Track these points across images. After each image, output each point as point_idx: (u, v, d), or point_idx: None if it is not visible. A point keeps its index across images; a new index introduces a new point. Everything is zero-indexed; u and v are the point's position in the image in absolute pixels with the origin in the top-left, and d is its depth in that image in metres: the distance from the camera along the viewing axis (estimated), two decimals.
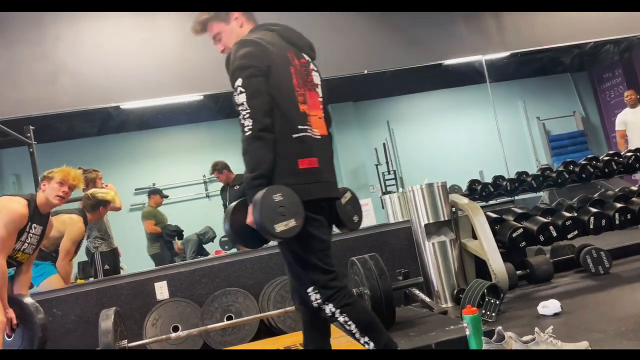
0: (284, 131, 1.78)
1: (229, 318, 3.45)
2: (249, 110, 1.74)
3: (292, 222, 1.70)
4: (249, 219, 1.72)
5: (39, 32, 4.08)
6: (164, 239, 5.76)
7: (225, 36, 2.00)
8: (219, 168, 5.45)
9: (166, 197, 6.04)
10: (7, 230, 2.68)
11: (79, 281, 4.12)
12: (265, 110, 1.75)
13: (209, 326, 3.07)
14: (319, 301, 1.81)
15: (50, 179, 2.85)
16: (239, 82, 1.76)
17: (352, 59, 4.65)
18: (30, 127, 4.30)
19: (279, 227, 1.68)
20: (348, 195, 2.00)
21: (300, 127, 1.82)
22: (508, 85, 7.49)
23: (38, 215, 2.87)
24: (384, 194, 6.71)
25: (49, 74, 4.04)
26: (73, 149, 6.18)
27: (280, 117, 1.78)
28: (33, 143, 4.38)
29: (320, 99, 1.95)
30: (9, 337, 2.78)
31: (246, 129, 1.73)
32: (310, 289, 1.81)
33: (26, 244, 2.84)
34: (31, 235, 2.85)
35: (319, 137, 1.88)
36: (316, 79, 1.96)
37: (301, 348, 2.84)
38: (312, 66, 1.97)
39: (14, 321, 2.75)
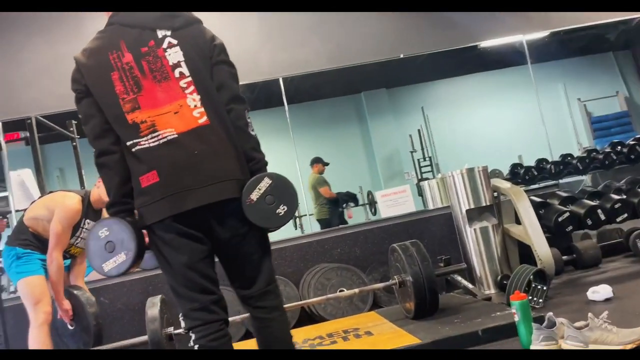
0: (124, 149, 1.60)
1: None
2: (87, 137, 1.62)
3: (121, 257, 1.58)
4: None
5: (78, 28, 4.15)
6: (339, 204, 6.12)
7: None
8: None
9: (327, 164, 6.29)
10: (62, 225, 2.76)
11: None
12: (96, 134, 1.60)
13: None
14: (185, 330, 1.66)
15: None
16: (76, 108, 1.64)
17: (386, 44, 4.58)
18: (73, 122, 4.43)
19: (108, 266, 1.59)
20: (264, 184, 1.61)
21: (129, 142, 1.58)
22: (547, 66, 7.25)
23: (92, 211, 2.94)
24: (419, 181, 6.64)
25: None
26: None
27: (118, 135, 1.61)
28: (76, 137, 4.50)
29: (185, 83, 1.61)
30: (71, 326, 2.89)
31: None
32: (180, 315, 1.69)
33: (80, 239, 2.92)
34: (85, 230, 2.93)
35: (175, 136, 1.57)
36: (174, 57, 1.61)
37: (344, 334, 2.85)
38: (166, 43, 1.62)
39: (70, 312, 2.85)
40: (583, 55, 7.74)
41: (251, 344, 3.06)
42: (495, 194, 3.61)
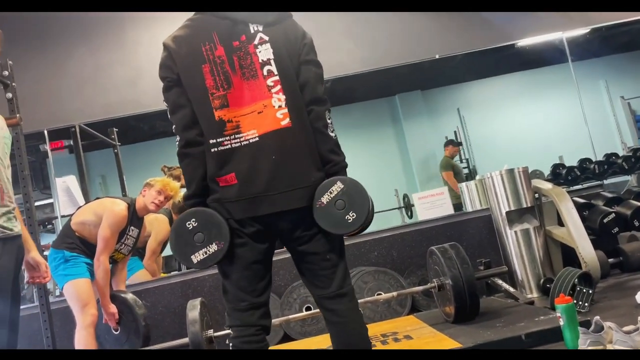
0: (206, 145, 1.58)
1: (308, 309, 3.48)
2: (173, 126, 1.60)
3: (212, 248, 1.55)
4: None
5: (120, 38, 4.29)
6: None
7: None
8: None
9: (460, 144, 6.09)
10: (110, 230, 2.86)
11: (162, 274, 4.30)
12: (186, 123, 1.57)
13: (290, 316, 3.11)
14: (225, 327, 1.64)
15: (151, 186, 3.02)
16: (163, 96, 1.62)
17: (421, 45, 4.54)
18: (115, 129, 4.55)
19: (197, 257, 1.55)
20: (335, 188, 1.58)
21: (212, 140, 1.56)
22: (587, 63, 7.03)
23: (136, 218, 3.05)
24: None
25: (130, 77, 4.24)
26: (155, 148, 6.45)
27: (203, 129, 1.59)
28: (117, 144, 4.62)
29: (273, 82, 1.59)
30: (116, 330, 2.96)
31: (176, 147, 1.61)
32: (226, 311, 1.67)
33: (123, 245, 3.02)
34: (129, 237, 3.04)
35: (256, 139, 1.56)
36: (264, 54, 1.59)
37: (382, 338, 2.83)
38: (257, 39, 1.60)
39: (116, 316, 2.92)
40: (626, 51, 7.48)
41: (288, 347, 3.08)
42: (537, 195, 3.52)
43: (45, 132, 4.23)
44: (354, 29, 4.46)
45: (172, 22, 1.94)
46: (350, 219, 1.57)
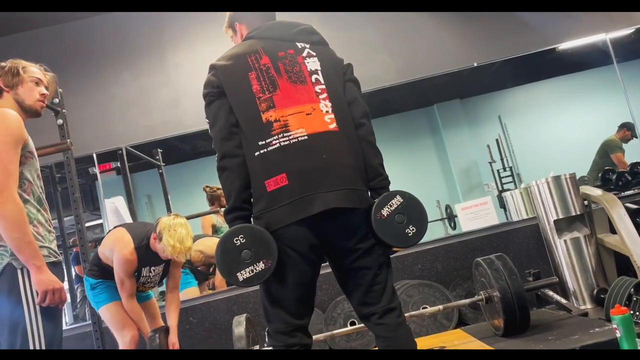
0: (248, 151, 1.59)
1: (352, 323, 3.46)
2: (213, 142, 1.64)
3: (259, 266, 1.51)
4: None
5: (162, 62, 4.43)
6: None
7: None
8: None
9: (636, 137, 5.43)
10: (119, 277, 2.78)
11: (208, 291, 4.37)
12: (223, 136, 1.60)
13: (335, 332, 3.09)
14: (267, 346, 1.62)
15: (160, 239, 2.75)
16: (205, 112, 1.67)
17: (458, 54, 4.49)
18: (159, 150, 4.69)
19: (243, 275, 1.51)
20: (395, 202, 1.59)
21: (261, 142, 1.57)
22: (634, 64, 6.78)
23: (154, 257, 2.85)
24: (500, 192, 6.39)
25: (172, 98, 4.37)
26: (198, 168, 6.60)
27: (243, 135, 1.60)
28: (162, 165, 4.76)
29: (320, 89, 1.64)
30: None
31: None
32: (266, 330, 1.63)
33: (148, 283, 2.95)
34: (150, 276, 2.92)
35: (305, 137, 1.57)
36: (312, 65, 1.67)
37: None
38: (305, 53, 1.69)
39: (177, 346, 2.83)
40: None
41: None
42: (586, 202, 3.40)
43: (94, 155, 4.39)
44: (389, 41, 4.46)
45: (212, 45, 2.00)
46: (410, 233, 1.59)
